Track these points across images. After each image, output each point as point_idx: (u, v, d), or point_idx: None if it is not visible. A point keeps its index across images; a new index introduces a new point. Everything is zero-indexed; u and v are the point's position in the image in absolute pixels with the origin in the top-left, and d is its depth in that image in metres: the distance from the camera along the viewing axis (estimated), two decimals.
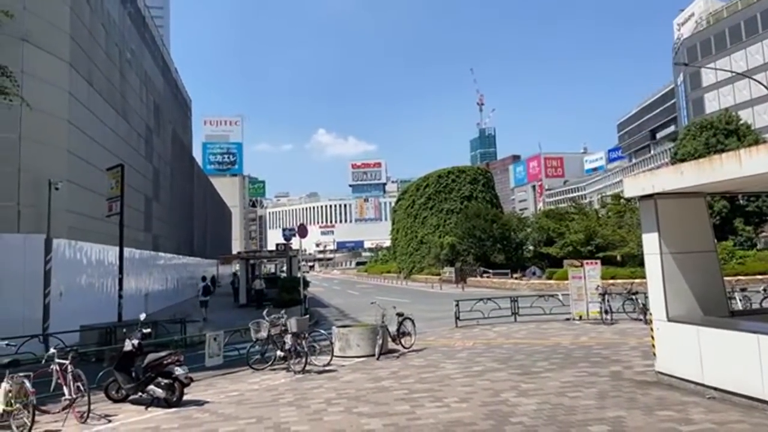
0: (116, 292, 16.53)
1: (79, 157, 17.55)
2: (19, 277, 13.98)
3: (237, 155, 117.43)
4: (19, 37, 14.65)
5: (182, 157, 40.97)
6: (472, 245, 43.34)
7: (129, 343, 8.38)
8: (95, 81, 19.79)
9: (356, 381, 9.34)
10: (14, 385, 6.90)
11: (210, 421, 7.19)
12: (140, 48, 28.04)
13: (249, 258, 32.36)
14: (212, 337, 10.77)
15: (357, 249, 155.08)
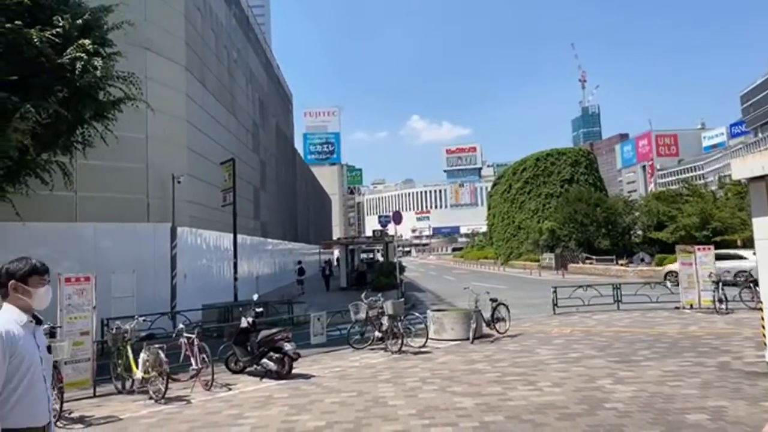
0: (231, 274, 18.14)
1: (196, 153, 19.34)
2: (150, 262, 15.79)
3: (335, 145, 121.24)
4: (142, 46, 16.33)
5: (285, 149, 43.28)
6: (574, 230, 41.68)
7: (245, 320, 9.33)
8: (208, 82, 21.58)
9: (450, 362, 9.66)
10: (151, 355, 7.99)
11: (316, 392, 7.88)
12: (245, 47, 29.96)
13: (348, 244, 33.65)
14: (316, 318, 11.59)
15: (453, 235, 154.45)
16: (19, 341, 2.61)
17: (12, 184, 11.89)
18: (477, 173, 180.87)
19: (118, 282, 14.07)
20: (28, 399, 2.62)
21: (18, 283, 2.69)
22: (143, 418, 6.94)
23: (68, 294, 8.29)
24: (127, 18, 12.52)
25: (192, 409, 7.27)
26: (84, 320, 8.39)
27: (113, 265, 14.37)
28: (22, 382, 2.60)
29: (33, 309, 2.74)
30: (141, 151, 16.13)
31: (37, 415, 2.68)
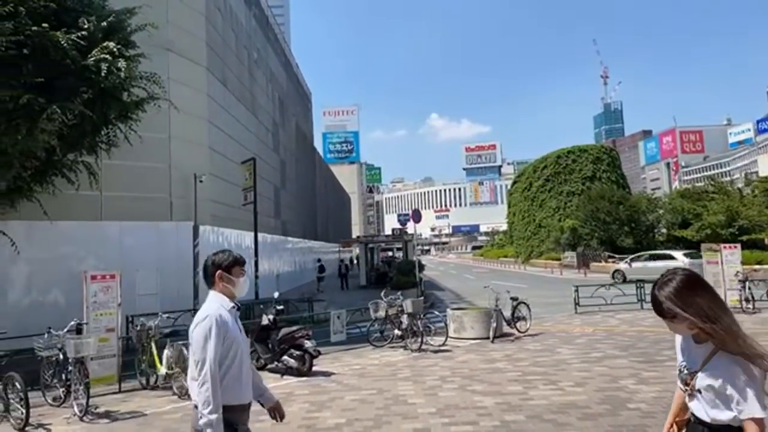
0: (252, 272, 18.32)
1: (218, 152, 19.57)
2: (173, 260, 16.02)
3: (354, 143, 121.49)
4: (164, 48, 16.56)
5: (305, 148, 43.53)
6: (596, 228, 41.14)
7: (266, 318, 9.44)
8: (228, 82, 21.81)
9: (470, 361, 9.63)
10: (174, 352, 8.12)
11: (336, 390, 7.93)
12: (265, 47, 30.19)
13: (367, 242, 33.75)
14: (336, 315, 11.66)
15: (472, 233, 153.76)
16: (229, 325, 2.84)
17: (40, 184, 12.21)
18: (497, 171, 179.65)
19: (143, 279, 14.32)
20: (236, 378, 2.83)
21: (223, 272, 2.96)
22: (167, 414, 7.06)
23: (94, 291, 8.48)
24: (149, 20, 12.71)
25: None
26: (110, 317, 8.57)
27: (137, 263, 14.63)
28: (233, 362, 2.82)
29: (236, 296, 3.01)
30: (164, 151, 16.37)
31: (244, 394, 2.90)
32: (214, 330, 2.74)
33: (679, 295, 2.14)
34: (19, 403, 6.50)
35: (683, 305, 2.12)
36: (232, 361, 2.82)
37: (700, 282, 2.19)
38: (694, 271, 2.30)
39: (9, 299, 12.73)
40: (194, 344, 2.78)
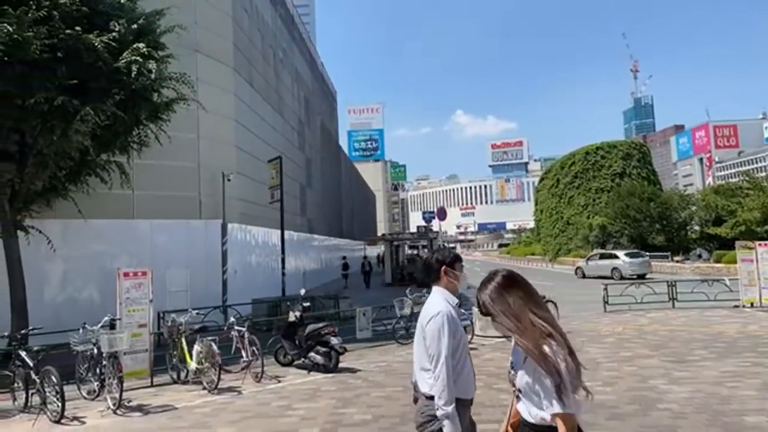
0: (279, 270, 18.55)
1: (245, 151, 19.83)
2: (202, 257, 16.32)
3: (379, 141, 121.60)
4: (193, 49, 16.85)
5: (330, 146, 43.78)
6: (626, 226, 40.31)
7: (292, 314, 9.54)
8: (255, 82, 22.07)
9: (496, 359, 9.57)
10: (204, 347, 8.27)
11: (362, 386, 7.98)
12: (290, 46, 30.45)
13: (392, 240, 33.77)
14: (362, 312, 11.71)
15: (498, 231, 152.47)
16: (457, 320, 2.94)
17: (74, 183, 12.58)
18: (523, 168, 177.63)
19: (173, 276, 14.62)
20: (464, 373, 2.92)
21: (448, 268, 3.07)
22: (197, 408, 7.21)
23: (127, 288, 8.70)
24: (177, 21, 12.95)
25: (243, 400, 7.50)
26: (142, 313, 8.78)
27: (168, 260, 14.95)
28: (462, 357, 2.91)
29: (458, 290, 3.13)
30: (193, 151, 16.68)
31: (470, 388, 2.98)
32: (446, 325, 2.81)
33: (495, 294, 2.20)
34: (55, 397, 6.72)
35: (496, 305, 2.18)
36: (461, 356, 2.89)
37: (516, 281, 2.24)
38: (512, 271, 2.34)
39: (45, 296, 13.14)
40: (429, 338, 2.83)
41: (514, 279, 2.26)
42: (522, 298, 2.18)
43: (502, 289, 2.22)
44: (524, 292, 2.21)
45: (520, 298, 2.17)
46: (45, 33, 9.85)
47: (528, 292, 2.22)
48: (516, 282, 2.25)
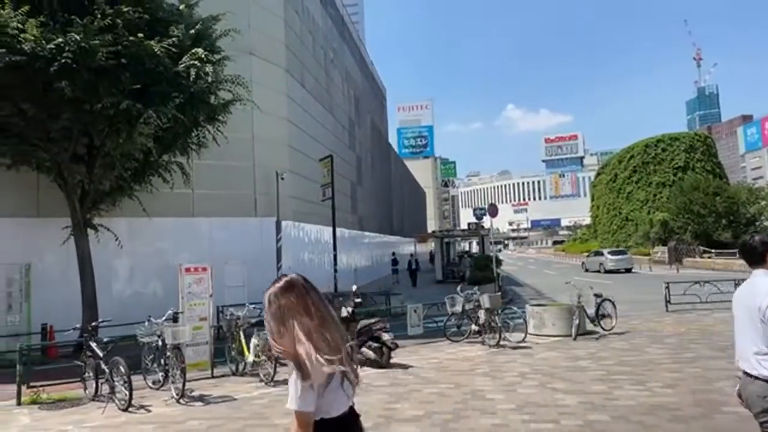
0: (331, 266, 18.84)
1: (297, 150, 20.24)
2: (258, 254, 16.77)
3: (428, 138, 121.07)
4: (247, 52, 17.32)
5: (380, 144, 43.99)
6: (689, 221, 38.51)
7: (344, 310, 9.69)
8: (306, 82, 22.46)
9: (551, 359, 9.38)
10: (261, 340, 8.52)
11: (414, 382, 8.01)
12: (341, 46, 30.78)
13: (443, 237, 33.59)
14: (413, 309, 11.74)
15: (553, 227, 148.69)
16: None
17: (139, 183, 13.24)
18: (578, 162, 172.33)
19: (230, 272, 15.13)
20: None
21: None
22: (255, 399, 7.45)
23: (188, 283, 9.09)
24: (232, 26, 13.38)
25: None
26: (202, 307, 9.16)
27: (226, 256, 15.46)
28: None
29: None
30: (248, 150, 17.16)
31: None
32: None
33: (273, 297, 2.23)
34: (123, 386, 7.11)
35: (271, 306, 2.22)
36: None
37: (294, 287, 2.25)
38: (297, 276, 2.35)
39: (113, 290, 13.88)
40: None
41: (292, 285, 2.29)
42: (292, 304, 2.21)
43: (279, 292, 2.25)
44: (297, 298, 2.23)
45: (291, 303, 2.21)
46: (110, 40, 10.41)
47: (302, 298, 2.24)
48: (293, 288, 2.27)
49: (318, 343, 2.15)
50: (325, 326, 2.21)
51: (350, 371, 2.22)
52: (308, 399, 2.09)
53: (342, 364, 2.16)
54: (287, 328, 2.19)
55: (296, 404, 2.10)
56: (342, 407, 2.20)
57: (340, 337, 2.23)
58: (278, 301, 2.25)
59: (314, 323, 2.20)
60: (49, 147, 11.47)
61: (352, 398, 2.26)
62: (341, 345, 2.21)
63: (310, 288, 2.31)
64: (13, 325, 11.36)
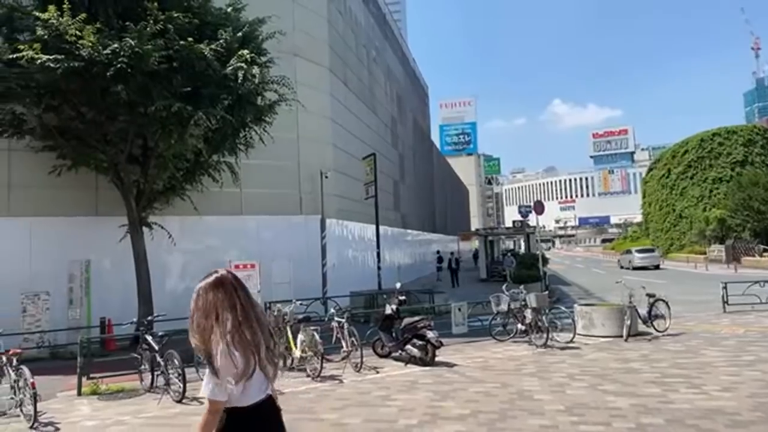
0: (375, 264, 18.95)
1: (341, 149, 20.44)
2: (303, 251, 17.06)
3: (471, 135, 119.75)
4: (292, 53, 17.62)
5: (422, 142, 43.85)
6: (748, 219, 36.61)
7: (389, 307, 9.72)
8: (349, 81, 22.64)
9: (601, 360, 9.13)
10: (307, 336, 8.66)
11: (459, 381, 7.96)
12: (383, 44, 30.85)
13: (487, 235, 33.18)
14: (457, 308, 11.66)
15: (602, 225, 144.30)
16: None
17: (190, 183, 13.69)
18: (629, 158, 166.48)
19: (277, 269, 15.44)
20: None
21: None
22: (302, 394, 7.59)
23: None
24: (277, 27, 13.63)
25: (344, 388, 7.78)
26: None
27: (272, 253, 15.80)
28: None
29: None
30: (293, 150, 17.46)
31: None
32: None
33: (202, 291, 2.37)
34: (177, 378, 7.38)
35: (198, 301, 2.36)
36: None
37: (223, 284, 2.38)
38: (227, 274, 2.47)
39: (166, 286, 14.38)
40: None
41: (221, 281, 2.41)
42: (219, 300, 2.35)
43: (208, 288, 2.39)
44: (225, 294, 2.37)
45: (217, 299, 2.35)
46: (162, 45, 10.81)
47: (230, 296, 2.38)
48: (222, 284, 2.40)
49: (236, 340, 2.31)
50: (247, 325, 2.36)
51: (269, 368, 2.40)
52: (217, 390, 2.29)
53: (259, 360, 2.34)
54: (209, 323, 2.35)
55: (208, 392, 2.31)
56: (252, 399, 2.36)
57: (261, 336, 2.38)
58: (206, 295, 2.39)
59: (237, 321, 2.34)
60: (106, 148, 12.02)
61: (266, 391, 2.43)
62: (260, 344, 2.36)
63: (239, 286, 2.46)
64: (74, 319, 11.95)
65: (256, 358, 2.32)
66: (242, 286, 2.50)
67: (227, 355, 2.27)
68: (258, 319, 2.44)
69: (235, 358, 2.27)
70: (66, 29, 10.22)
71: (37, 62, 10.03)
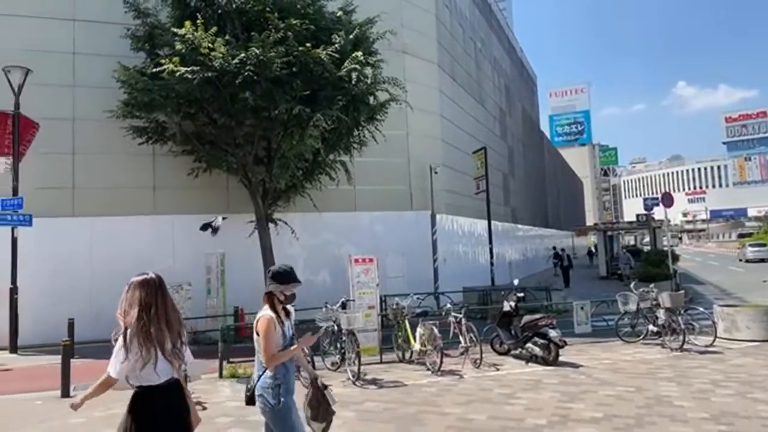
0: (486, 259, 18.66)
1: (449, 144, 20.35)
2: (414, 246, 17.19)
3: (585, 124, 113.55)
4: (401, 51, 17.81)
5: (531, 133, 42.36)
6: None
7: (507, 304, 9.51)
8: (457, 75, 22.44)
9: (748, 366, 8.27)
10: (426, 330, 8.73)
11: (587, 383, 7.59)
12: (488, 35, 30.19)
13: (606, 229, 31.29)
14: (579, 306, 11.12)
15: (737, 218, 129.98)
16: None
17: (309, 181, 14.37)
18: None
19: (391, 263, 15.74)
20: None
21: None
22: (424, 387, 7.66)
23: (357, 272, 9.67)
24: (387, 27, 13.84)
25: (465, 384, 7.74)
26: (370, 296, 9.69)
27: (385, 248, 16.10)
28: None
29: None
30: (403, 146, 17.66)
31: None
32: None
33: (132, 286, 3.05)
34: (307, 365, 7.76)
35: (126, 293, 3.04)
36: None
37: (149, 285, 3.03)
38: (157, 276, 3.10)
39: None
40: None
41: (147, 282, 3.05)
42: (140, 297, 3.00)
43: (136, 284, 3.04)
44: (146, 294, 3.01)
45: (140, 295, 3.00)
46: (283, 52, 11.44)
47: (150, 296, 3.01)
48: (147, 285, 3.04)
49: (146, 333, 2.92)
50: (155, 323, 2.96)
51: (174, 361, 2.99)
52: (119, 368, 2.94)
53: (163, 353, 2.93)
54: (131, 312, 2.97)
55: (114, 371, 2.96)
56: (157, 381, 2.97)
57: (168, 335, 2.99)
58: (133, 290, 3.03)
59: (150, 317, 2.96)
60: (235, 151, 12.97)
61: (171, 375, 3.01)
62: (165, 340, 2.96)
63: (161, 290, 3.06)
64: (212, 308, 13.07)
65: (156, 351, 2.92)
66: (163, 289, 3.10)
67: (135, 343, 2.91)
68: (168, 320, 3.02)
69: (141, 347, 2.91)
70: (200, 42, 11.17)
71: (176, 74, 11.06)
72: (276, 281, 3.71)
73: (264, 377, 3.61)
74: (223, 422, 6.25)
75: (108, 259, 12.93)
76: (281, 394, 3.55)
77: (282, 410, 3.54)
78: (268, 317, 3.60)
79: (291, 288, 3.73)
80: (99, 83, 13.13)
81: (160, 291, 3.07)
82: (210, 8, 12.17)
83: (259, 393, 3.59)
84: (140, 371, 2.92)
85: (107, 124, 12.86)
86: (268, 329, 3.55)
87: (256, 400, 3.61)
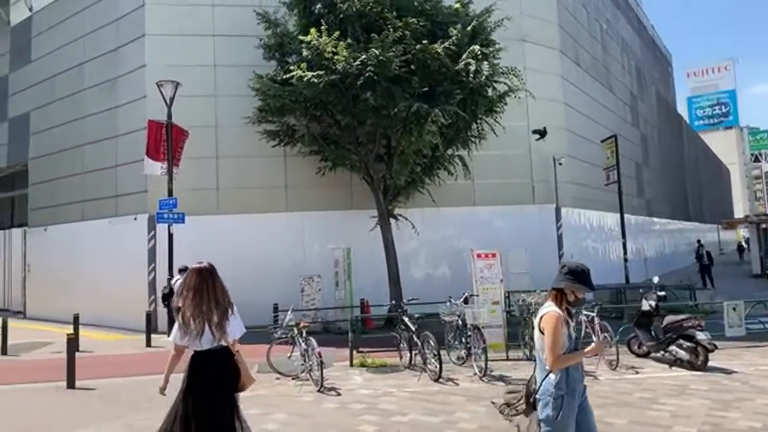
0: (617, 255, 17.46)
1: (575, 134, 19.30)
2: (538, 241, 16.45)
3: (730, 105, 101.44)
4: (520, 39, 17.20)
5: (667, 118, 38.76)
6: None
7: (646, 303, 8.82)
8: (581, 60, 21.19)
9: None
10: None
11: (742, 390, 6.83)
12: (615, 15, 28.09)
13: (760, 222, 27.72)
14: (731, 307, 10.00)
15: None
16: None
17: (428, 177, 14.47)
18: None
19: (514, 259, 15.28)
20: None
21: None
22: None
23: (480, 267, 9.55)
24: (504, 14, 13.45)
25: (600, 386, 7.31)
26: (494, 291, 9.52)
27: (507, 243, 15.66)
28: None
29: None
30: (524, 138, 17.05)
31: None
32: None
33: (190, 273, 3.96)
34: (434, 358, 7.85)
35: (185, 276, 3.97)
36: None
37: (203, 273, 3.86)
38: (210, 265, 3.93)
39: (411, 271, 15.40)
40: None
41: (201, 271, 3.85)
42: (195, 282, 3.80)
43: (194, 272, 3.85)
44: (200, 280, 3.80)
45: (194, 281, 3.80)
46: (401, 50, 11.64)
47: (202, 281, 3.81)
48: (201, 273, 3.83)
49: (195, 311, 3.70)
50: (206, 302, 3.73)
51: (216, 332, 3.73)
52: (180, 337, 3.74)
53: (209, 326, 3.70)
54: (188, 294, 3.73)
55: (172, 337, 3.79)
56: (206, 347, 3.74)
57: (216, 312, 3.74)
58: (191, 276, 3.81)
59: (202, 297, 3.73)
60: (358, 150, 13.44)
61: (216, 342, 3.76)
62: (213, 317, 3.72)
63: (212, 275, 3.83)
64: (340, 299, 13.69)
65: (203, 324, 3.68)
66: (214, 276, 3.83)
67: (187, 319, 3.70)
68: (216, 300, 3.77)
69: (191, 322, 3.68)
70: (324, 48, 11.71)
71: (303, 79, 11.71)
72: (571, 279, 3.34)
73: (547, 382, 3.28)
74: (356, 408, 6.52)
75: (247, 252, 14.05)
76: (562, 406, 3.20)
77: (558, 426, 3.22)
78: (557, 314, 3.28)
79: (585, 290, 3.38)
80: (237, 92, 14.28)
81: (210, 277, 3.83)
82: (332, 14, 12.71)
83: (538, 398, 3.32)
84: (194, 339, 3.71)
85: (245, 130, 13.98)
86: (557, 327, 3.21)
87: (537, 405, 3.33)
